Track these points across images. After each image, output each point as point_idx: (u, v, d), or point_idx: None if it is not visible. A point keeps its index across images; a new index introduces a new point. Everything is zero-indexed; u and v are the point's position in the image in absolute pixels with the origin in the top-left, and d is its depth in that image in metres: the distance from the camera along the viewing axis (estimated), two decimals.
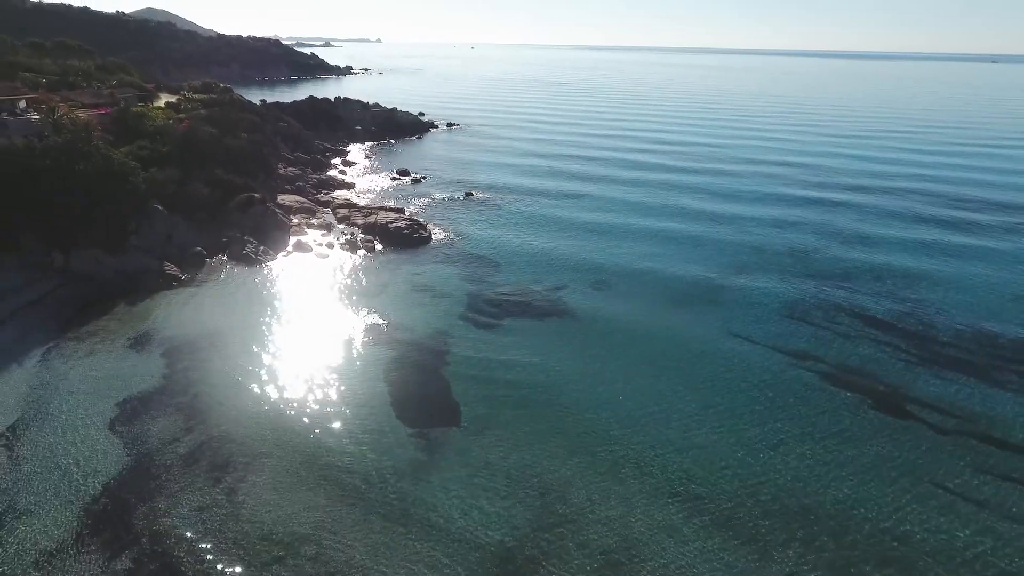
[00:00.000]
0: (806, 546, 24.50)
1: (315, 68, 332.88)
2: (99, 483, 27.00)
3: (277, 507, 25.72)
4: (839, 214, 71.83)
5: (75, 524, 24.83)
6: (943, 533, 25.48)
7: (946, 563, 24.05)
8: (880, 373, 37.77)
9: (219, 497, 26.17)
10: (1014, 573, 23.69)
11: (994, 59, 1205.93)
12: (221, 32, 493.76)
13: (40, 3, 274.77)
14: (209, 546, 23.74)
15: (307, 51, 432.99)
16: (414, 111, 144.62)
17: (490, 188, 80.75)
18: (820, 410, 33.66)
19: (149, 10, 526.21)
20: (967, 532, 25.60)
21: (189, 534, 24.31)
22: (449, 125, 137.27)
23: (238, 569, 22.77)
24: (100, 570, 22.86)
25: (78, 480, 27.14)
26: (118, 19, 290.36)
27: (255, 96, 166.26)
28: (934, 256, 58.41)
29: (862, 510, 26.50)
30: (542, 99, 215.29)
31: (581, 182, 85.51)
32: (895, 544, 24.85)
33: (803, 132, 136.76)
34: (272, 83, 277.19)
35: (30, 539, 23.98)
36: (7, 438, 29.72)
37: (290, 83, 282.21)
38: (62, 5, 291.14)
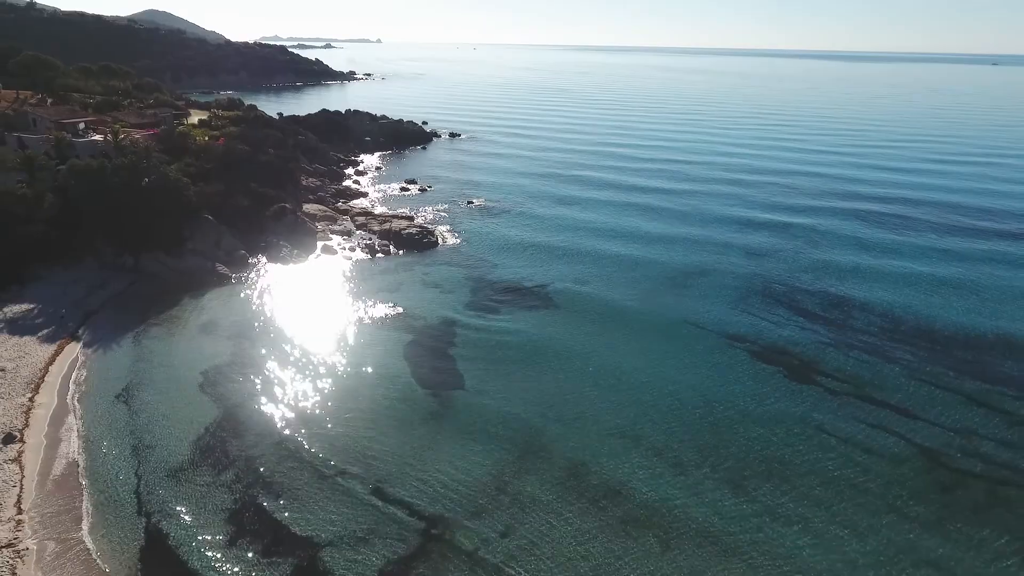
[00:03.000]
0: (713, 467, 34.19)
1: (319, 75, 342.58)
2: (200, 426, 36.73)
3: (335, 441, 35.49)
4: (796, 225, 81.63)
5: (188, 453, 34.53)
6: (816, 460, 35.13)
7: (813, 478, 33.64)
8: (798, 352, 47.42)
9: (293, 434, 36.00)
10: (859, 484, 33.32)
11: (995, 60, 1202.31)
12: (222, 33, 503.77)
13: (56, 12, 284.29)
14: (291, 465, 33.52)
15: (311, 56, 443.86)
16: (418, 120, 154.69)
17: (489, 197, 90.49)
18: (743, 377, 43.40)
19: (150, 11, 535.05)
20: (834, 460, 35.19)
21: (274, 457, 34.09)
22: (452, 135, 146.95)
23: (315, 477, 32.51)
24: (212, 480, 32.54)
25: (184, 424, 36.86)
26: (129, 28, 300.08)
27: (265, 103, 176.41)
28: (871, 263, 68.07)
29: (759, 443, 36.18)
30: (540, 107, 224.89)
31: (570, 191, 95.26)
32: (778, 465, 34.54)
33: (782, 147, 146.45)
34: (279, 90, 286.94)
35: (160, 462, 33.68)
36: (124, 397, 39.45)
37: (296, 90, 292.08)
38: (76, 13, 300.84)
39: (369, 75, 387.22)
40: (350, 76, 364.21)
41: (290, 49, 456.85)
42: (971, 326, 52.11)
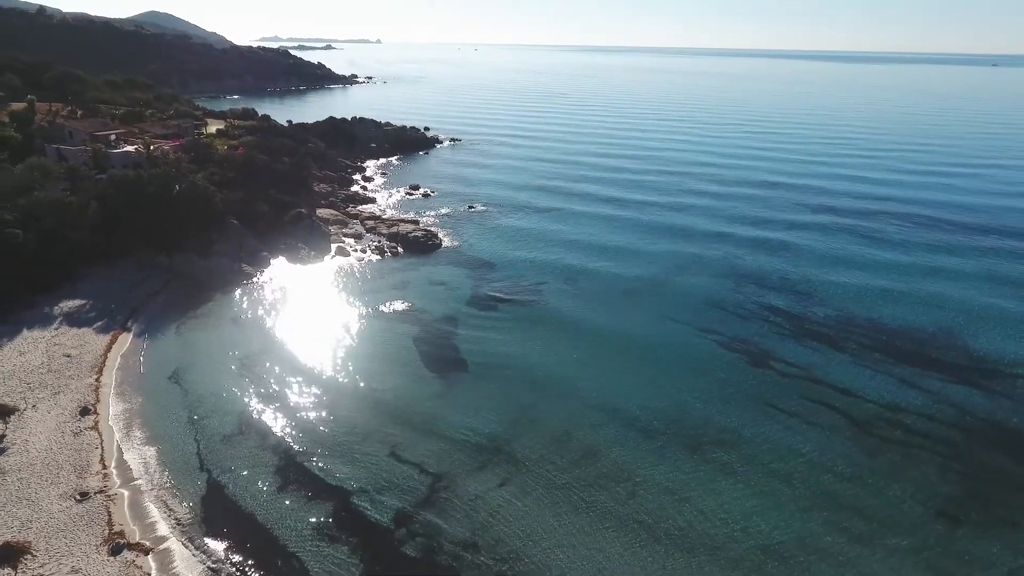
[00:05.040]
0: (675, 434, 40.77)
1: (322, 78, 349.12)
2: (243, 401, 43.31)
3: (357, 413, 42.11)
4: (771, 233, 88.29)
5: (236, 422, 41.10)
6: (762, 430, 41.69)
7: (759, 444, 40.20)
8: (759, 342, 54.01)
9: (321, 408, 42.62)
10: (797, 449, 39.89)
11: (994, 61, 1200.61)
12: (223, 34, 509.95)
13: (64, 18, 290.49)
14: (322, 432, 40.09)
15: (312, 58, 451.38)
16: (419, 125, 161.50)
17: (488, 202, 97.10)
18: (709, 362, 49.98)
19: (152, 12, 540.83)
20: (778, 430, 41.78)
21: (307, 426, 40.69)
22: (452, 141, 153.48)
23: (341, 442, 39.09)
24: (258, 443, 39.10)
25: (229, 400, 43.43)
26: (137, 33, 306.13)
27: (269, 108, 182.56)
28: (834, 266, 74.68)
29: (716, 416, 42.77)
30: (538, 112, 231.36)
31: (563, 195, 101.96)
32: (731, 434, 41.11)
33: (766, 157, 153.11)
34: (283, 94, 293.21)
35: (213, 429, 40.23)
36: (175, 378, 45.98)
37: (299, 94, 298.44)
38: (84, 19, 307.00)
39: (370, 78, 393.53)
40: (352, 80, 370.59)
41: (291, 50, 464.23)
42: (916, 321, 58.66)
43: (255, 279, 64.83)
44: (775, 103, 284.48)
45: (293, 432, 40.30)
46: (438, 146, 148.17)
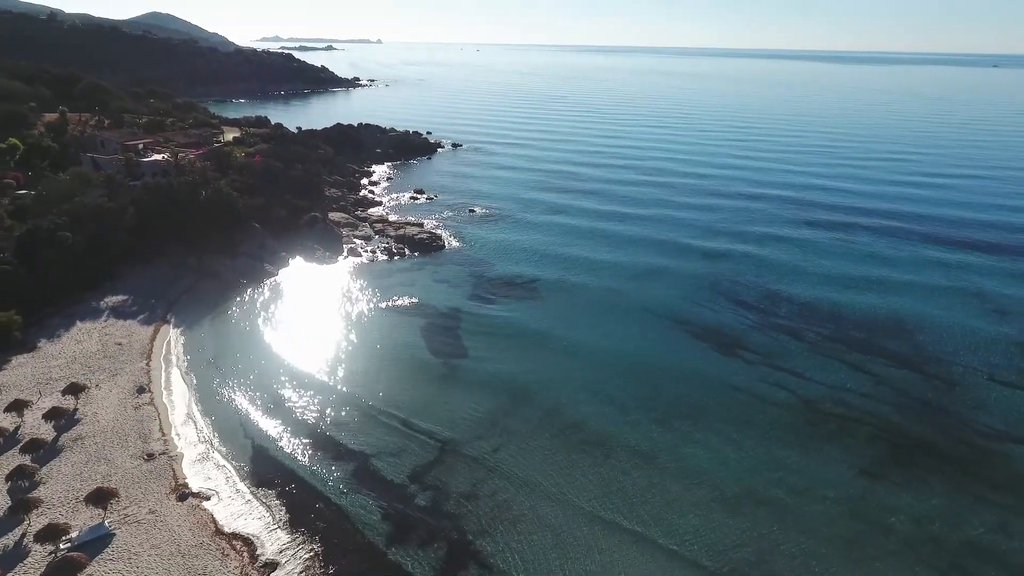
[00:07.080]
0: (647, 410, 47.53)
1: (325, 82, 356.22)
2: (276, 383, 50.11)
3: (373, 392, 48.88)
4: (748, 238, 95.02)
5: (271, 400, 47.88)
6: (722, 406, 48.39)
7: (718, 418, 46.84)
8: (728, 332, 60.75)
9: (343, 388, 49.44)
10: (751, 421, 46.60)
11: (996, 62, 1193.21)
12: (224, 35, 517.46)
13: (75, 23, 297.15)
14: (345, 407, 46.91)
15: (314, 58, 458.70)
16: (422, 130, 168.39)
17: (488, 205, 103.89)
18: (681, 350, 56.80)
19: (153, 14, 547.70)
20: (735, 406, 48.47)
21: (332, 402, 47.51)
22: (454, 146, 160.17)
23: (361, 414, 45.86)
24: (292, 417, 45.88)
25: (263, 382, 50.22)
26: (144, 37, 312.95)
27: (276, 112, 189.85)
28: (804, 266, 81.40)
29: (684, 395, 49.52)
30: (537, 116, 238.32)
31: (558, 200, 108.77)
32: (695, 409, 47.84)
33: (752, 167, 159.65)
34: (287, 98, 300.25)
35: (252, 405, 47.00)
36: (213, 363, 52.79)
37: (303, 97, 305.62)
38: (92, 22, 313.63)
39: (373, 81, 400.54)
40: (355, 83, 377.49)
41: (292, 51, 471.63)
42: (873, 314, 65.37)
43: (276, 277, 71.64)
44: (771, 108, 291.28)
45: (320, 406, 47.12)
46: (440, 151, 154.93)
